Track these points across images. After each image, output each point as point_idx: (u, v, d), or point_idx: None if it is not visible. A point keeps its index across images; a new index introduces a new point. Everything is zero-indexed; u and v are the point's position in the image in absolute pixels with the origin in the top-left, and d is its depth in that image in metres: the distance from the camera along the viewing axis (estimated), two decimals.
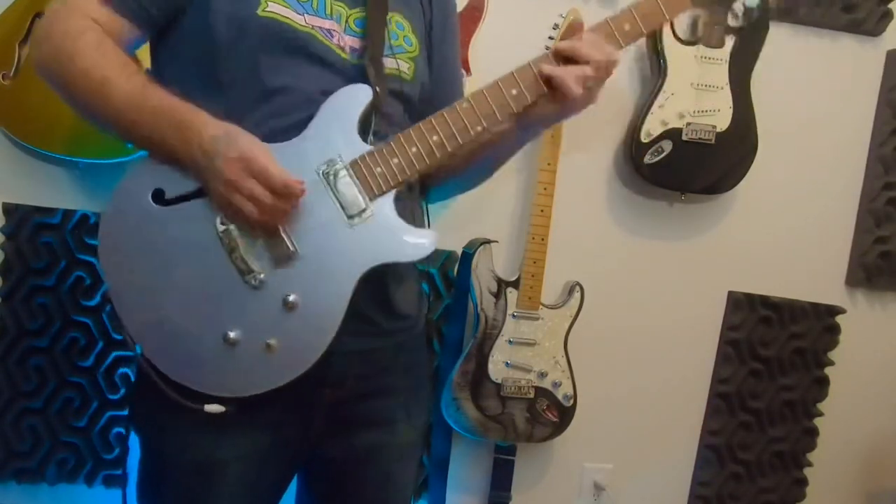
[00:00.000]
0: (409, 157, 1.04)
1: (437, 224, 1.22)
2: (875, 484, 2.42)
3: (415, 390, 1.24)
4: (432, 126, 1.05)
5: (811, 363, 2.27)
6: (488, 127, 1.07)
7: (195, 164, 0.98)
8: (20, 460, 1.86)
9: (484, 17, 1.90)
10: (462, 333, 2.01)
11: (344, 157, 1.03)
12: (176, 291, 1.00)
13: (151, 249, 1.01)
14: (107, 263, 1.02)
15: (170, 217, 1.00)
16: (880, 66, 2.21)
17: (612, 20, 1.09)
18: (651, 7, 1.10)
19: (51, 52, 1.02)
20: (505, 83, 1.08)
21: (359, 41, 1.11)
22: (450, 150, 1.06)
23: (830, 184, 2.24)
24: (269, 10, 1.04)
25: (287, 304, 1.00)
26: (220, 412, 1.01)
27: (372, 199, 1.03)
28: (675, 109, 1.99)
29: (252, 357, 1.00)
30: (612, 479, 2.23)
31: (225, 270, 1.00)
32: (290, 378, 1.01)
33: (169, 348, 1.01)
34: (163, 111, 0.98)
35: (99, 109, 1.01)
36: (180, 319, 1.00)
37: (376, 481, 1.21)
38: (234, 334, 0.99)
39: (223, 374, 1.01)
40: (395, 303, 1.15)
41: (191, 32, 1.06)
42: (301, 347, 1.01)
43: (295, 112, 1.04)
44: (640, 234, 2.17)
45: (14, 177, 1.81)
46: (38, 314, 1.83)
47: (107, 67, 0.99)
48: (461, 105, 1.06)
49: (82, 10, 1.02)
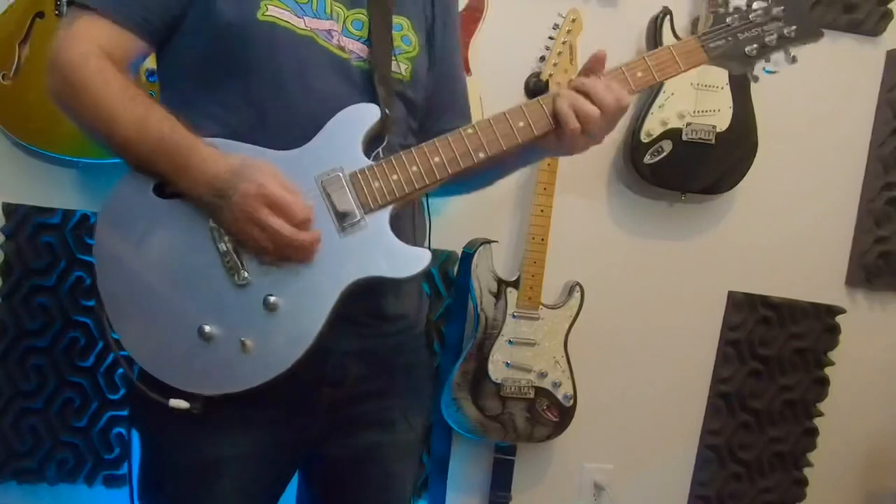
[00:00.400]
0: (409, 175, 1.04)
1: (437, 224, 1.22)
2: (875, 484, 2.42)
3: (415, 391, 1.24)
4: (435, 148, 1.06)
5: (811, 363, 2.27)
6: (491, 155, 1.07)
7: (203, 202, 0.99)
8: (20, 460, 1.86)
9: (484, 17, 1.90)
10: (462, 333, 2.01)
11: (345, 168, 1.03)
12: (160, 280, 1.01)
13: (144, 239, 1.01)
14: (99, 248, 1.03)
15: (167, 209, 1.01)
16: (880, 66, 2.22)
17: (625, 67, 1.10)
18: (665, 57, 1.11)
19: (59, 83, 1.03)
20: (512, 115, 1.08)
21: (357, 44, 1.11)
22: (450, 172, 1.06)
23: (830, 184, 2.24)
24: (268, 13, 1.04)
25: (268, 304, 1.00)
26: (184, 408, 1.00)
27: (367, 212, 1.03)
28: (675, 109, 1.99)
29: (226, 354, 1.00)
30: (612, 479, 2.23)
31: (211, 265, 1.00)
32: (262, 380, 1.00)
33: (144, 338, 1.01)
34: (163, 150, 0.99)
35: (106, 142, 1.03)
36: (160, 310, 1.00)
37: (376, 481, 1.21)
38: (209, 328, 0.99)
39: (195, 369, 1.00)
40: (391, 306, 1.15)
41: (191, 37, 1.06)
42: (277, 350, 1.00)
43: (295, 116, 1.05)
44: (640, 234, 2.17)
45: (14, 177, 1.81)
46: (38, 314, 1.83)
47: (108, 98, 1.00)
48: (465, 131, 1.07)
49: (86, 36, 1.02)
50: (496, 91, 1.88)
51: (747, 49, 1.13)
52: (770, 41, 1.13)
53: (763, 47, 1.13)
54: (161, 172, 1.01)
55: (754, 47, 1.13)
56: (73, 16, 1.04)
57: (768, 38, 1.13)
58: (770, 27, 1.12)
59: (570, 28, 1.87)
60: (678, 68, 1.12)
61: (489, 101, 1.83)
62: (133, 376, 1.01)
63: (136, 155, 1.01)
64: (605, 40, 1.93)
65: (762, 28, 1.12)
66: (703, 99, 1.99)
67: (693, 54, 1.12)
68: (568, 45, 1.87)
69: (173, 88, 1.10)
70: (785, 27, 1.12)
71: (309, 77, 1.06)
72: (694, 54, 1.12)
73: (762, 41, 1.13)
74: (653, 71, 1.10)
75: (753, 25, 1.12)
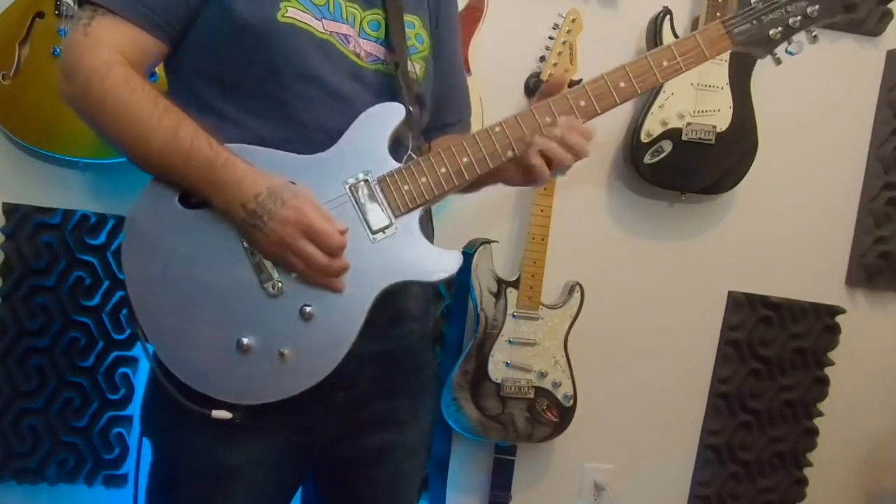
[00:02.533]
0: (438, 176, 1.04)
1: (437, 224, 1.22)
2: (875, 484, 2.42)
3: (423, 390, 1.25)
4: (463, 148, 1.05)
5: (811, 363, 2.27)
6: (519, 154, 1.07)
7: (237, 220, 0.98)
8: (20, 460, 1.86)
9: (484, 17, 1.90)
10: (462, 333, 2.01)
11: (373, 172, 1.03)
12: (194, 294, 0.99)
13: (174, 250, 1.00)
14: (128, 261, 1.01)
15: (195, 220, 1.00)
16: (880, 66, 2.22)
17: (651, 57, 1.09)
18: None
19: (80, 89, 0.99)
20: (539, 111, 1.07)
21: (374, 45, 1.10)
22: (479, 172, 1.06)
23: (830, 184, 2.24)
24: (288, 15, 1.03)
25: (304, 314, 1.00)
26: (227, 418, 1.00)
27: (397, 215, 1.03)
28: (675, 109, 1.99)
29: (265, 365, 1.00)
30: (612, 479, 2.23)
31: (245, 276, 0.99)
32: (301, 389, 1.00)
33: (182, 350, 1.00)
34: (195, 165, 0.97)
35: (132, 152, 1.00)
36: (196, 322, 1.00)
37: (387, 481, 1.21)
38: (247, 340, 0.99)
39: (234, 379, 1.00)
40: (406, 308, 1.15)
41: (205, 38, 1.04)
42: (315, 358, 1.01)
43: (316, 120, 1.04)
44: (640, 234, 2.17)
45: (14, 177, 1.81)
46: (38, 314, 1.82)
47: (136, 108, 0.97)
48: (493, 129, 1.07)
49: (107, 42, 0.99)
50: (496, 91, 1.88)
51: (771, 32, 1.11)
52: (794, 22, 1.11)
53: (787, 28, 1.11)
54: (191, 186, 0.99)
55: (779, 30, 1.11)
56: (90, 16, 1.00)
57: (792, 19, 1.11)
58: (793, 7, 1.11)
59: (570, 28, 1.87)
60: (704, 57, 1.10)
61: (489, 101, 1.83)
62: (173, 390, 0.99)
63: (164, 167, 0.99)
64: (605, 40, 1.96)
65: (786, 9, 1.11)
66: (703, 99, 1.99)
67: (718, 41, 1.10)
68: (568, 45, 1.87)
69: (184, 90, 1.07)
70: (808, 6, 1.11)
71: (328, 81, 1.05)
72: (719, 41, 1.10)
73: (786, 22, 1.11)
74: (679, 60, 1.09)
75: (778, 6, 1.11)
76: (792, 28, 1.12)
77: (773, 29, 1.11)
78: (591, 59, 1.85)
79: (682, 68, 1.09)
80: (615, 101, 1.09)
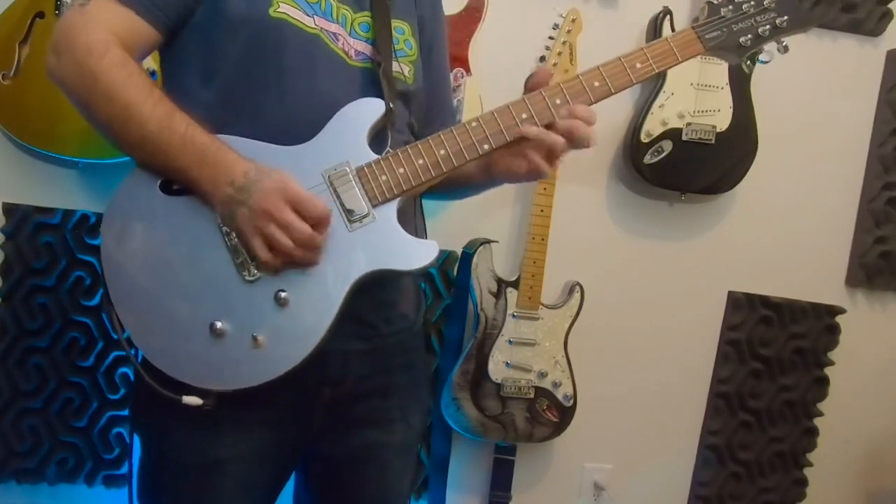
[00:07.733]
0: (416, 168, 1.05)
1: (437, 224, 1.23)
2: (875, 484, 2.42)
3: (413, 389, 1.25)
4: (440, 141, 1.07)
5: (811, 363, 2.27)
6: (495, 147, 1.09)
7: (222, 198, 0.98)
8: (20, 460, 1.86)
9: (484, 17, 1.90)
10: (462, 333, 2.01)
11: (351, 163, 1.04)
12: (170, 279, 1.00)
13: (152, 236, 1.01)
14: (106, 246, 1.02)
15: (174, 206, 1.01)
16: (880, 66, 2.22)
17: (624, 58, 1.12)
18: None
19: (72, 66, 0.99)
20: (515, 107, 1.09)
21: (364, 44, 1.12)
22: (455, 164, 1.07)
23: (830, 184, 2.25)
24: (280, 10, 1.05)
25: (279, 299, 1.00)
26: (198, 405, 0.99)
27: (375, 205, 1.04)
28: (675, 109, 1.99)
29: (238, 350, 1.00)
30: (612, 479, 2.23)
31: (221, 262, 1.00)
32: (274, 375, 1.00)
33: (155, 334, 1.01)
34: (193, 146, 0.98)
35: (120, 133, 1.01)
36: (170, 306, 1.00)
37: (373, 480, 1.21)
38: (221, 324, 0.99)
39: (207, 364, 1.00)
40: (393, 305, 1.15)
41: (197, 32, 1.06)
42: (288, 345, 1.01)
43: (299, 114, 1.05)
44: (640, 234, 2.17)
45: (14, 177, 1.81)
46: (38, 314, 1.82)
47: (132, 91, 0.98)
48: (470, 124, 1.08)
49: (104, 23, 1.00)
50: (496, 91, 1.87)
51: (741, 40, 1.15)
52: (763, 31, 1.15)
53: (757, 38, 1.15)
54: (180, 168, 0.99)
55: (748, 38, 1.15)
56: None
57: (761, 28, 1.15)
58: (763, 18, 1.15)
59: (570, 28, 1.87)
60: (676, 59, 1.14)
61: (489, 101, 1.83)
62: (143, 373, 1.00)
63: (153, 151, 0.99)
64: (605, 40, 1.96)
65: (755, 19, 1.15)
66: (703, 99, 1.99)
67: (690, 45, 1.15)
68: (568, 45, 1.87)
69: (175, 83, 1.09)
70: (777, 17, 1.15)
71: (314, 76, 1.07)
72: (691, 45, 1.15)
73: (755, 31, 1.15)
74: (651, 62, 1.12)
75: (747, 16, 1.15)
76: (762, 37, 1.16)
77: (742, 37, 1.15)
78: (591, 59, 1.84)
79: (655, 70, 1.13)
80: (590, 100, 1.12)
